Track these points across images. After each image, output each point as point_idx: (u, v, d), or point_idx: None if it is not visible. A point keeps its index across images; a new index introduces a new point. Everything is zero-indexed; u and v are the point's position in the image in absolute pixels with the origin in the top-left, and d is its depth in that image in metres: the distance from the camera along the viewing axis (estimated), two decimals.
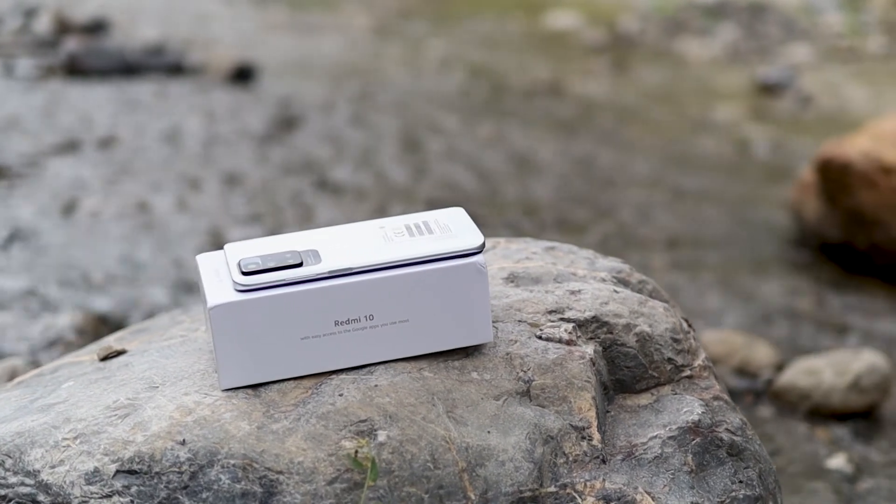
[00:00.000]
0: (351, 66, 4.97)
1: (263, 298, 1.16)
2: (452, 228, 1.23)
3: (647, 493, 1.18)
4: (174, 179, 3.32)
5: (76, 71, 4.35)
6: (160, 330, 1.41)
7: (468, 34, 5.73)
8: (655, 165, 3.83)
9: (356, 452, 1.11)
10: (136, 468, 1.11)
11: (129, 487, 1.10)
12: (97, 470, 1.12)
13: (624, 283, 1.41)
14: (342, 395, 1.17)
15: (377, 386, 1.18)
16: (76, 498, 1.11)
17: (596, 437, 1.20)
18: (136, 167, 3.39)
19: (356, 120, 4.08)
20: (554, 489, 1.16)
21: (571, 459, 1.18)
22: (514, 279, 1.37)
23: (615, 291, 1.35)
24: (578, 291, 1.34)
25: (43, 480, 1.13)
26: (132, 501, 1.10)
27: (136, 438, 1.13)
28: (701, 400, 1.28)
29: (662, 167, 3.81)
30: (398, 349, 1.21)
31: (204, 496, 1.09)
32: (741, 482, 1.23)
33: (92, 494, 1.11)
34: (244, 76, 4.52)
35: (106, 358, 1.33)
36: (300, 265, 1.18)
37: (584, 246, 1.51)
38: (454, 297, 1.20)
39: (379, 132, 3.96)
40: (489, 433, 1.16)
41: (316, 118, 4.07)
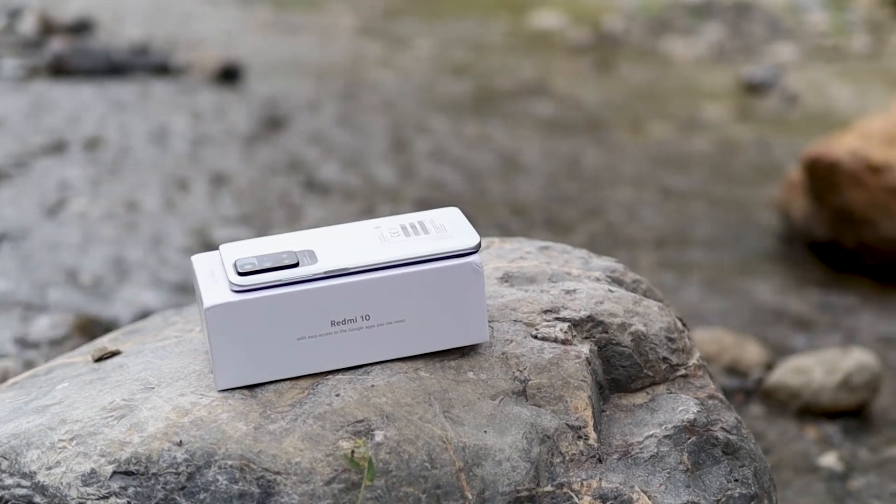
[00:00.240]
0: (337, 65, 4.96)
1: (260, 299, 1.16)
2: (448, 228, 1.23)
3: (643, 492, 1.18)
4: (161, 180, 3.31)
5: (61, 71, 4.35)
6: (154, 330, 1.41)
7: (453, 34, 5.73)
8: (642, 165, 3.83)
9: (353, 453, 1.11)
10: (132, 469, 1.11)
11: (126, 489, 1.10)
12: (94, 471, 1.11)
13: (618, 282, 1.42)
14: (339, 395, 1.17)
15: (374, 386, 1.18)
16: (73, 499, 1.10)
17: (592, 436, 1.20)
18: (122, 167, 3.39)
19: (343, 120, 4.07)
20: (551, 488, 1.16)
21: (568, 459, 1.18)
22: (508, 279, 1.37)
23: (610, 291, 1.35)
24: (573, 291, 1.34)
25: (39, 482, 1.12)
26: (129, 502, 1.09)
27: (132, 439, 1.13)
28: (696, 399, 1.28)
29: (649, 166, 3.82)
30: (395, 349, 1.21)
31: (201, 497, 1.09)
32: (737, 481, 1.23)
33: (89, 496, 1.10)
34: (230, 76, 4.52)
35: (100, 359, 1.32)
36: (296, 265, 1.17)
37: (572, 245, 1.51)
38: (450, 296, 1.20)
39: (366, 132, 3.96)
40: (486, 433, 1.16)
41: (302, 118, 4.06)
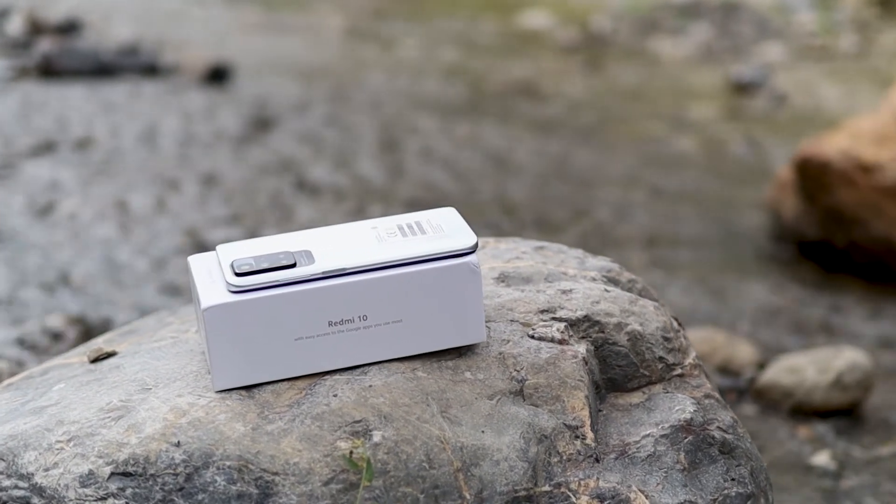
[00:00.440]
0: (325, 66, 4.96)
1: (257, 299, 1.16)
2: (445, 228, 1.23)
3: (640, 491, 1.19)
4: (152, 180, 3.31)
5: (50, 72, 4.33)
6: (149, 331, 1.40)
7: (441, 34, 5.73)
8: (632, 164, 3.84)
9: (351, 453, 1.11)
10: (130, 470, 1.11)
11: (124, 490, 1.10)
12: (92, 472, 1.11)
13: (614, 281, 1.42)
14: (336, 395, 1.17)
15: (371, 386, 1.18)
16: (71, 501, 1.10)
17: (589, 435, 1.20)
18: (113, 168, 3.38)
19: (332, 120, 4.07)
20: (548, 488, 1.16)
21: (565, 458, 1.18)
22: (504, 279, 1.38)
23: (606, 290, 1.35)
24: (569, 291, 1.34)
25: (37, 483, 1.12)
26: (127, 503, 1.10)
27: (130, 440, 1.13)
28: (692, 398, 1.28)
29: (639, 166, 3.82)
30: (392, 349, 1.21)
31: (199, 498, 1.09)
32: (733, 480, 1.23)
33: (87, 497, 1.10)
34: (219, 76, 4.51)
35: (96, 360, 1.32)
36: (293, 266, 1.17)
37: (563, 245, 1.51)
38: (448, 297, 1.20)
39: (356, 132, 3.96)
40: (483, 433, 1.16)
41: (292, 118, 4.06)
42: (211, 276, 1.20)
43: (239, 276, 1.16)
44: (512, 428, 1.18)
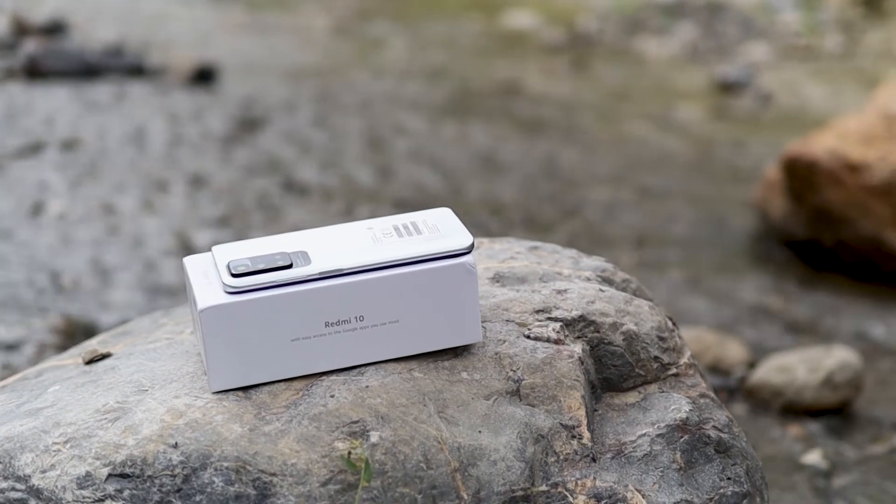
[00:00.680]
0: (311, 66, 4.96)
1: (254, 300, 1.15)
2: (441, 229, 1.23)
3: (637, 490, 1.19)
4: (139, 181, 3.30)
5: (36, 73, 4.32)
6: (143, 333, 1.40)
7: (427, 35, 5.73)
8: (619, 164, 3.84)
9: (350, 453, 1.11)
10: (128, 472, 1.11)
11: (121, 491, 1.10)
12: (89, 474, 1.11)
13: (608, 281, 1.42)
14: (333, 396, 1.17)
15: (368, 387, 1.18)
16: (68, 502, 1.10)
17: (586, 435, 1.20)
18: (100, 169, 3.37)
19: (319, 121, 4.07)
20: (545, 488, 1.16)
21: (562, 458, 1.18)
22: (499, 279, 1.37)
23: (601, 290, 1.35)
24: (565, 291, 1.34)
25: (34, 485, 1.12)
26: None
27: (127, 442, 1.13)
28: (688, 398, 1.28)
29: (626, 166, 3.83)
30: (388, 350, 1.21)
31: (197, 499, 1.09)
32: (729, 479, 1.24)
33: (84, 499, 1.10)
34: (205, 77, 4.51)
35: (91, 361, 1.32)
36: (290, 267, 1.17)
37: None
38: (444, 297, 1.20)
39: (343, 133, 3.96)
40: (480, 433, 1.16)
41: (279, 119, 4.06)
42: (207, 277, 1.20)
43: (235, 277, 1.16)
44: (509, 428, 1.18)
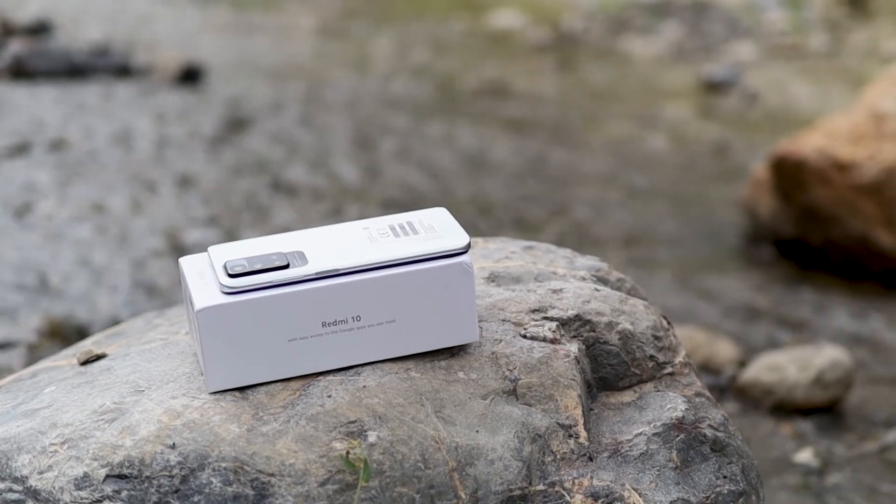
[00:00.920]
0: (297, 66, 4.96)
1: (251, 301, 1.15)
2: (437, 228, 1.23)
3: (634, 489, 1.19)
4: (128, 181, 3.30)
5: (22, 73, 4.32)
6: (137, 333, 1.40)
7: (413, 34, 5.73)
8: (606, 163, 3.85)
9: (348, 453, 1.11)
10: (126, 473, 1.10)
11: (119, 492, 1.10)
12: (87, 475, 1.11)
13: (603, 281, 1.42)
14: (331, 396, 1.17)
15: (365, 387, 1.18)
16: (66, 503, 1.10)
17: (583, 434, 1.20)
18: (88, 169, 3.37)
19: (306, 120, 4.07)
20: (543, 487, 1.16)
21: (559, 457, 1.19)
22: (495, 279, 1.38)
23: (596, 290, 1.35)
24: (560, 290, 1.34)
25: (31, 486, 1.12)
26: None
27: (124, 443, 1.12)
28: (683, 396, 1.28)
29: (613, 165, 3.83)
30: (385, 350, 1.21)
31: (195, 500, 1.09)
32: (725, 477, 1.24)
33: (82, 500, 1.10)
34: (191, 77, 4.50)
35: (86, 362, 1.31)
36: (287, 267, 1.17)
37: None
38: (441, 297, 1.20)
39: (330, 133, 3.95)
40: (478, 432, 1.16)
41: (266, 119, 4.05)
42: (203, 277, 1.20)
43: (232, 277, 1.16)
44: (506, 427, 1.18)
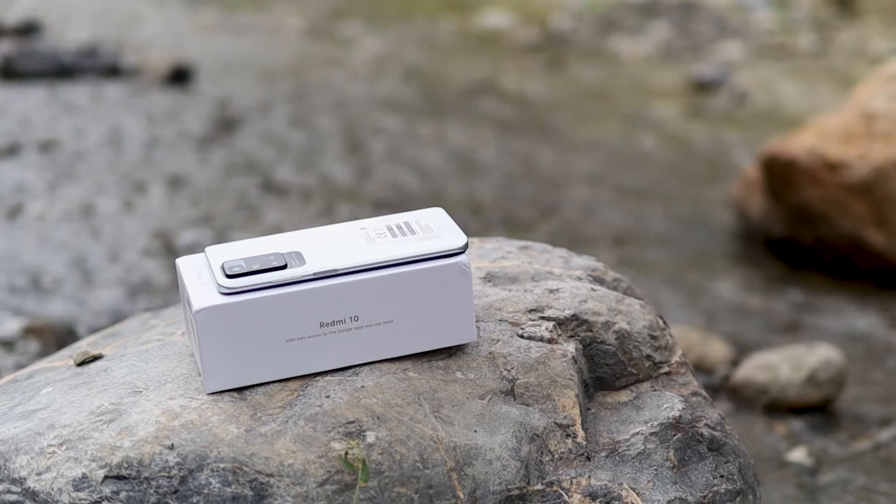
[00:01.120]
0: (286, 66, 4.95)
1: (249, 301, 1.15)
2: (434, 229, 1.23)
3: (631, 489, 1.19)
4: (118, 182, 3.29)
5: (10, 74, 4.31)
6: (133, 334, 1.40)
7: (401, 34, 5.73)
8: (596, 163, 3.85)
9: (347, 454, 1.11)
10: (124, 474, 1.10)
11: (118, 493, 1.10)
12: (85, 476, 1.11)
13: (599, 280, 1.42)
14: (329, 396, 1.17)
15: (363, 387, 1.18)
16: None
17: (580, 434, 1.21)
18: (78, 170, 3.36)
19: (296, 121, 4.06)
20: (541, 487, 1.16)
21: (557, 457, 1.19)
22: (491, 279, 1.38)
23: (592, 290, 1.36)
24: (557, 290, 1.34)
25: (30, 488, 1.12)
26: None
27: (123, 444, 1.12)
28: (680, 396, 1.29)
29: (604, 165, 3.83)
30: (383, 350, 1.21)
31: (194, 500, 1.09)
32: (722, 476, 1.24)
33: (80, 501, 1.10)
34: (181, 78, 4.49)
35: (83, 363, 1.31)
36: (284, 267, 1.17)
37: None
38: (438, 297, 1.20)
39: (320, 133, 3.95)
40: (476, 432, 1.17)
41: (255, 119, 4.05)
42: (200, 278, 1.20)
43: (230, 277, 1.16)
44: (504, 427, 1.18)
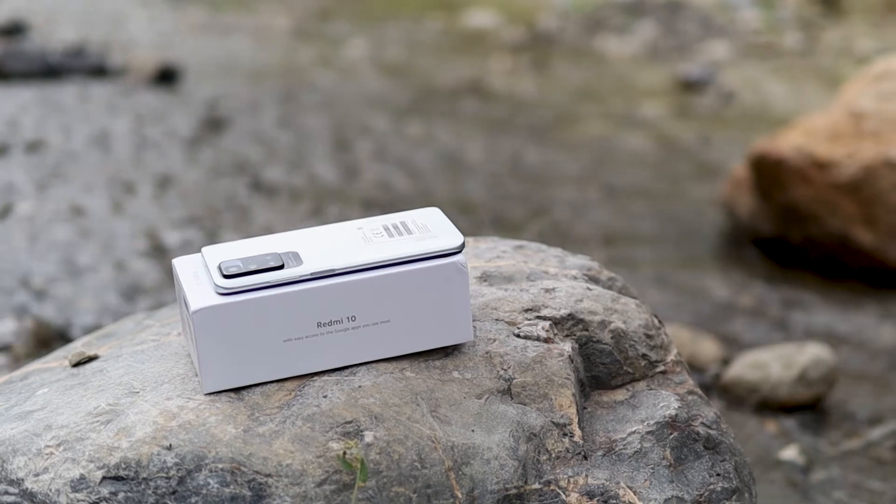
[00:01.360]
0: (274, 66, 4.95)
1: (246, 301, 1.15)
2: (431, 228, 1.23)
3: (628, 487, 1.19)
4: (107, 182, 3.29)
5: None
6: (128, 335, 1.40)
7: (388, 34, 5.72)
8: (585, 163, 3.85)
9: (345, 453, 1.11)
10: (122, 474, 1.10)
11: (116, 494, 1.10)
12: (83, 477, 1.11)
13: (594, 280, 1.42)
14: (326, 396, 1.17)
15: (361, 387, 1.18)
16: None
17: (577, 433, 1.21)
18: (67, 170, 3.36)
19: (284, 121, 4.06)
20: (538, 486, 1.16)
21: (554, 456, 1.19)
22: (487, 278, 1.38)
23: (588, 289, 1.36)
24: (553, 290, 1.34)
25: (27, 489, 1.11)
26: None
27: (121, 444, 1.12)
28: (676, 394, 1.29)
29: (591, 164, 3.84)
30: (380, 350, 1.21)
31: (192, 501, 1.09)
32: (718, 475, 1.24)
33: (79, 501, 1.10)
34: (168, 78, 4.49)
35: (78, 364, 1.31)
36: (281, 267, 1.17)
37: None
38: (435, 296, 1.20)
39: (308, 133, 3.95)
40: (473, 432, 1.17)
41: (243, 119, 4.05)
42: (197, 278, 1.19)
43: (227, 278, 1.16)
44: (501, 426, 1.18)
